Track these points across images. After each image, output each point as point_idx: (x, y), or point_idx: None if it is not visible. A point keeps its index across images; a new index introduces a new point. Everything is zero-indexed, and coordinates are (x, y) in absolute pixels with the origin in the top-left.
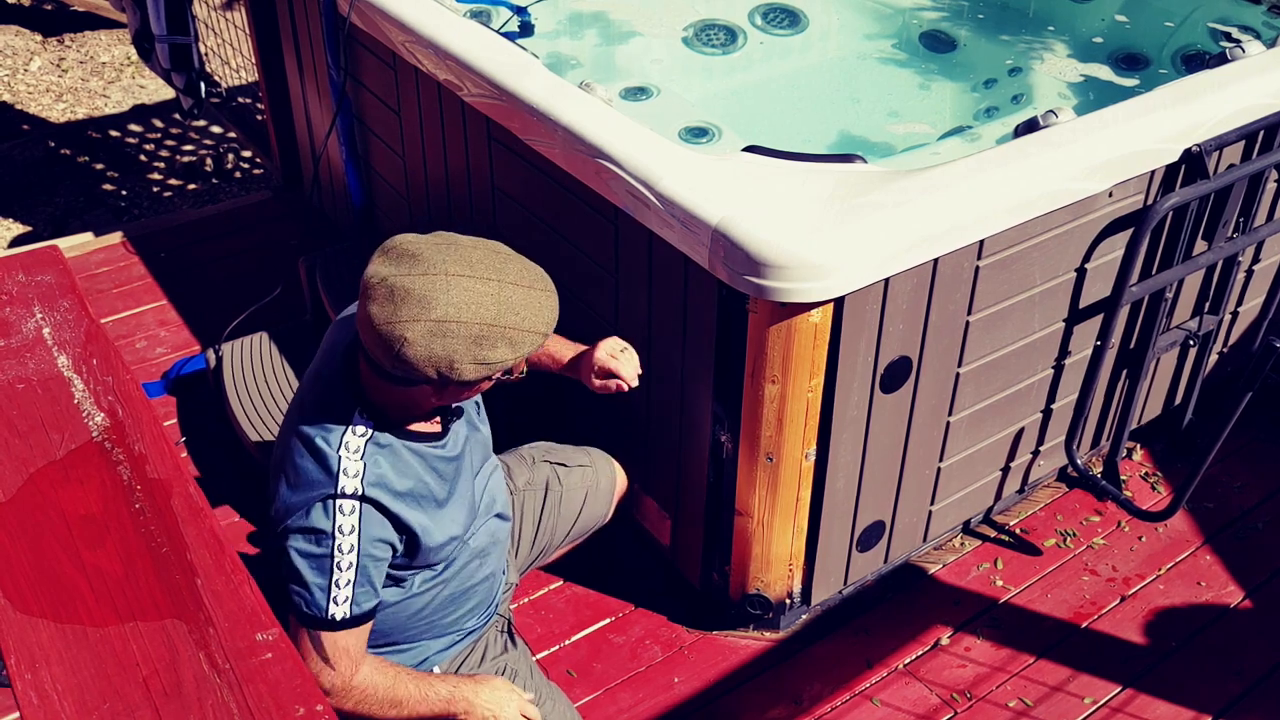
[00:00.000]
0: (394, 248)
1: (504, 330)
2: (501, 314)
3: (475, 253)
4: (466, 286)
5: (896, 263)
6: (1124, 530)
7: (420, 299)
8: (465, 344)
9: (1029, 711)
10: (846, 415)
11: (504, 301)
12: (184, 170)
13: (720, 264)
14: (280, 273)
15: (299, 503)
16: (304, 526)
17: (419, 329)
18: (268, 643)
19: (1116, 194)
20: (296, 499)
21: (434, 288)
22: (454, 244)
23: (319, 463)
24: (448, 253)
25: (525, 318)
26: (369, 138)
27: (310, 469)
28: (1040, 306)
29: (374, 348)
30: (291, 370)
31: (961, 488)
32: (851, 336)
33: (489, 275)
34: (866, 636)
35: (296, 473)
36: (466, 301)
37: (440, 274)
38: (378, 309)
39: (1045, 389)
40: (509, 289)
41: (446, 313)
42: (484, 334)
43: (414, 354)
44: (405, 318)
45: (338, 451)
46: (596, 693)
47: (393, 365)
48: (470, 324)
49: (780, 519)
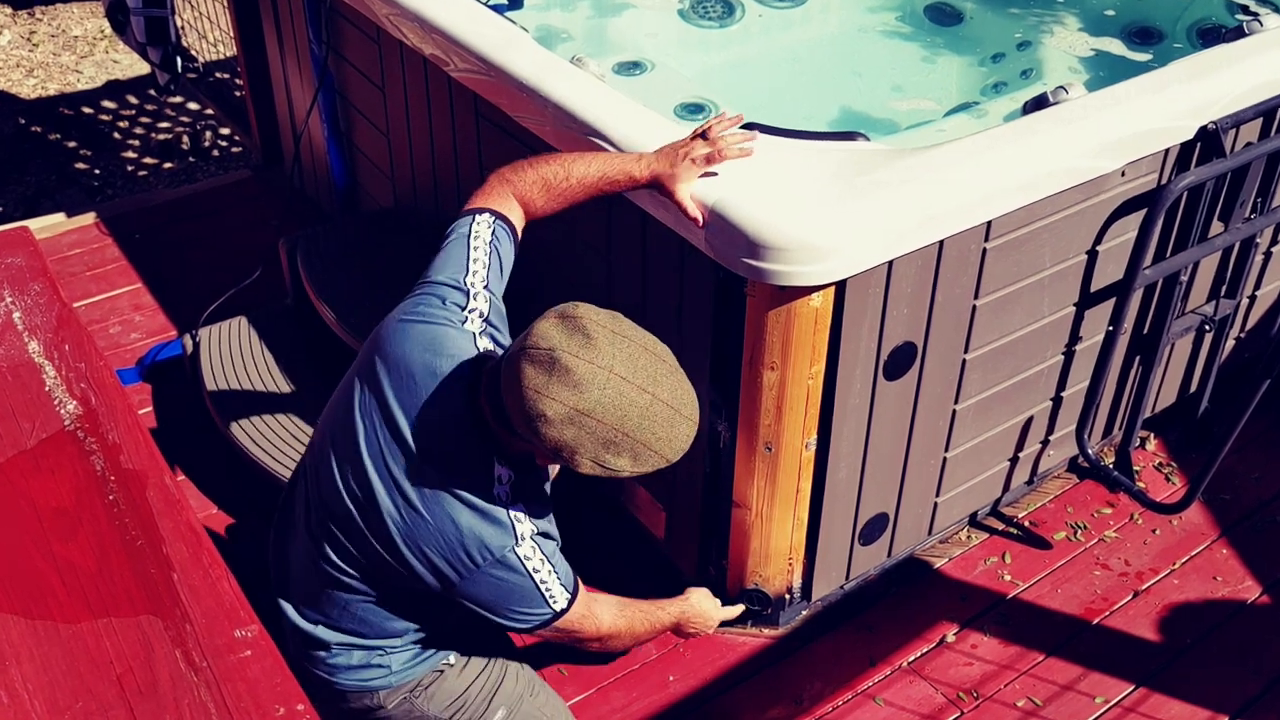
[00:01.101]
0: (573, 317)
1: (635, 444)
2: (640, 428)
3: (642, 357)
4: (621, 390)
5: (900, 244)
6: (1137, 523)
7: (575, 384)
8: (594, 442)
9: (1038, 711)
10: (848, 403)
11: (649, 417)
12: (160, 148)
13: (717, 246)
14: (260, 255)
15: (487, 562)
16: (501, 580)
17: (561, 410)
18: (246, 639)
19: (1129, 173)
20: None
21: (592, 379)
22: (626, 339)
23: (491, 522)
24: (618, 347)
25: (660, 439)
26: (352, 114)
27: (486, 531)
28: (1050, 290)
29: (513, 403)
30: (272, 356)
31: (968, 479)
32: (854, 321)
33: (645, 386)
34: (869, 633)
35: (470, 535)
36: (615, 404)
37: (604, 369)
38: (533, 373)
39: (1055, 376)
40: (658, 406)
41: (592, 408)
42: (616, 440)
43: (545, 430)
44: (553, 394)
45: (501, 507)
46: (588, 691)
47: (522, 426)
48: (608, 427)
49: (779, 511)
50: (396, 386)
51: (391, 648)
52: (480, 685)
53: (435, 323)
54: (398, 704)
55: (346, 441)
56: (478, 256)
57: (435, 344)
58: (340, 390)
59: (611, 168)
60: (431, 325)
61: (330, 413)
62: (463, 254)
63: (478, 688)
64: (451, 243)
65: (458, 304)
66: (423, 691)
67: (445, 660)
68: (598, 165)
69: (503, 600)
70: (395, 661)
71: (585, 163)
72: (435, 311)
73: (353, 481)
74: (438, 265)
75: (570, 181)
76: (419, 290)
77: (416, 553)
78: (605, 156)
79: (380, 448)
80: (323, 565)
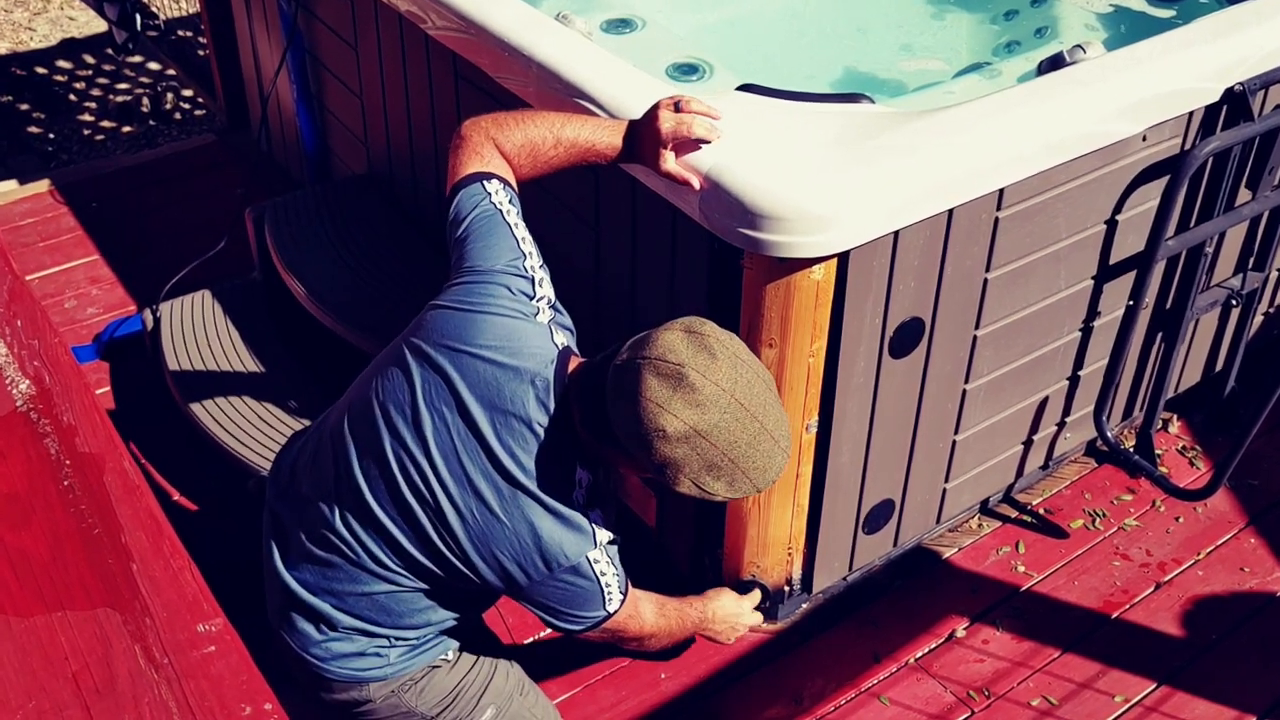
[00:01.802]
0: (700, 334)
1: (736, 470)
2: (744, 456)
3: (756, 384)
4: (738, 416)
5: (907, 214)
6: (1159, 510)
7: (699, 403)
8: (700, 464)
9: (1054, 711)
10: (852, 383)
11: (754, 446)
12: (118, 111)
13: (712, 215)
14: (225, 224)
15: (561, 568)
16: (570, 585)
17: (680, 428)
18: (210, 634)
19: (1151, 138)
20: (558, 564)
21: (715, 402)
22: (744, 363)
23: (573, 529)
24: (739, 370)
25: (757, 469)
26: (323, 76)
27: (566, 538)
28: (1066, 262)
29: (625, 412)
30: (238, 332)
31: (979, 463)
32: (857, 295)
33: (757, 413)
34: (873, 628)
35: (550, 541)
36: (729, 429)
37: (726, 391)
38: (658, 386)
39: (1072, 354)
40: (763, 436)
41: (709, 429)
42: (720, 464)
43: (658, 445)
44: (675, 410)
45: (581, 512)
46: (574, 690)
47: (630, 438)
48: (718, 450)
49: (778, 497)
50: (473, 384)
51: (399, 639)
52: (471, 682)
53: (508, 315)
54: (385, 698)
55: (409, 430)
56: (525, 235)
57: (513, 341)
58: (391, 367)
59: (599, 138)
60: (505, 319)
61: (383, 387)
62: (508, 235)
63: (468, 685)
64: (484, 222)
65: (525, 293)
66: (412, 686)
67: (442, 655)
68: (587, 132)
69: (567, 604)
70: (394, 653)
71: (574, 127)
72: (506, 304)
73: (414, 474)
74: (485, 251)
75: (559, 149)
76: (477, 278)
77: (485, 554)
78: (593, 124)
79: (454, 445)
80: (353, 547)
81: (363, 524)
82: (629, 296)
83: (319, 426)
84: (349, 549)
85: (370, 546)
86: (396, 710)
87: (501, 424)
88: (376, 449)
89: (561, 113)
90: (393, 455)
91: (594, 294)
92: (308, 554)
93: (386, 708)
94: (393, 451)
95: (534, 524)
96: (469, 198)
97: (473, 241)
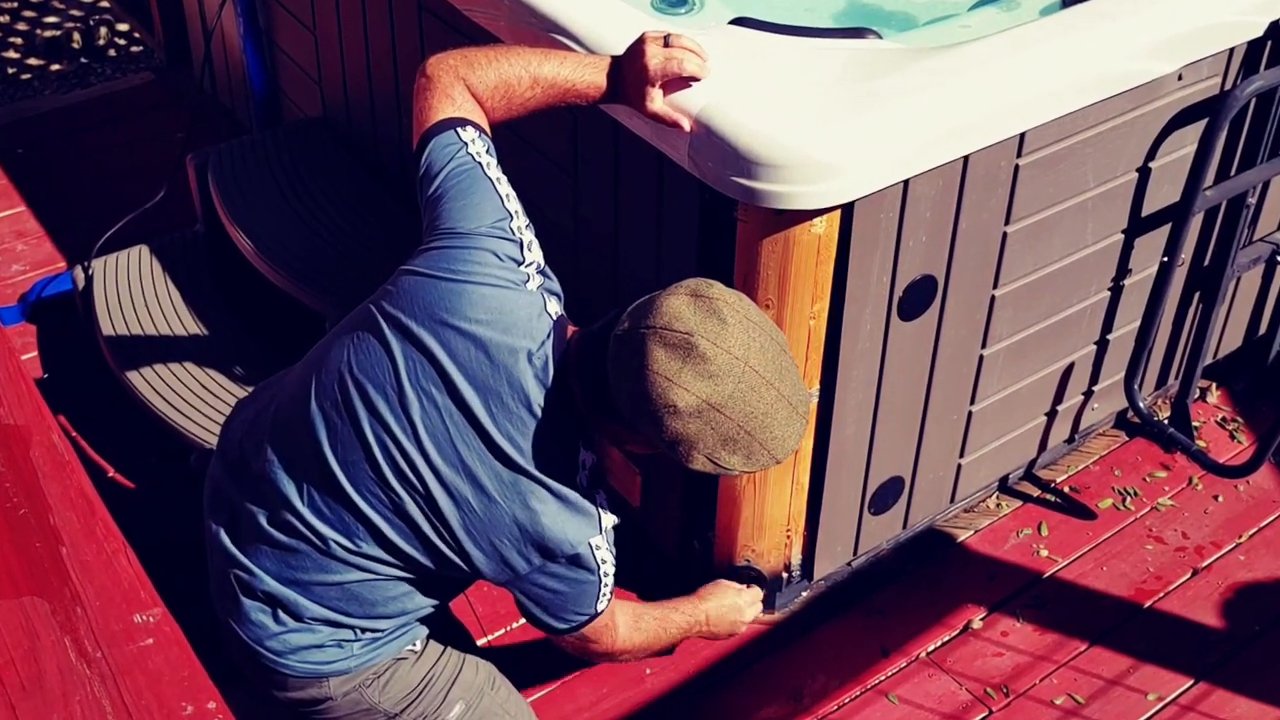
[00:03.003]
0: (707, 297)
1: (753, 442)
2: (762, 426)
3: (770, 348)
4: (753, 385)
5: (918, 161)
6: (1196, 489)
7: (711, 375)
8: (715, 438)
9: (1080, 710)
10: (857, 348)
11: (771, 415)
12: (46, 47)
13: (702, 162)
14: (164, 173)
15: (565, 556)
16: (570, 575)
17: (693, 402)
18: (148, 625)
19: (1187, 77)
20: (561, 551)
21: (729, 371)
22: (756, 326)
23: (579, 513)
24: (751, 335)
25: (775, 439)
26: (273, 8)
27: (571, 524)
28: (1094, 214)
29: (631, 388)
30: (178, 291)
31: (997, 436)
32: (863, 251)
33: (773, 380)
34: (881, 619)
35: (554, 528)
36: (745, 399)
37: (740, 359)
38: (665, 357)
39: (1100, 315)
40: (780, 404)
41: (724, 401)
42: (736, 437)
43: (670, 422)
44: (686, 384)
45: (587, 496)
46: (550, 687)
47: (637, 414)
48: (734, 423)
49: (776, 474)
50: (463, 364)
51: (366, 629)
52: (438, 676)
53: (497, 285)
54: (346, 694)
55: (394, 412)
56: (509, 192)
57: (504, 314)
58: (365, 339)
59: (579, 76)
60: (494, 289)
61: (356, 361)
62: (490, 192)
63: (435, 678)
64: (462, 178)
65: (514, 259)
66: (375, 681)
67: (409, 646)
68: (566, 70)
69: (561, 597)
70: (358, 645)
71: (552, 64)
72: (493, 272)
73: (401, 460)
74: (466, 211)
75: (535, 89)
76: (459, 243)
77: (483, 543)
78: (573, 61)
79: (446, 429)
80: (321, 534)
81: (335, 510)
82: (611, 253)
83: (271, 396)
84: (316, 536)
85: (343, 533)
86: (357, 707)
87: (497, 406)
88: (354, 431)
89: (537, 49)
90: (375, 439)
91: (573, 251)
92: (266, 538)
93: (347, 704)
94: (374, 435)
95: (537, 510)
96: (442, 149)
97: (450, 200)
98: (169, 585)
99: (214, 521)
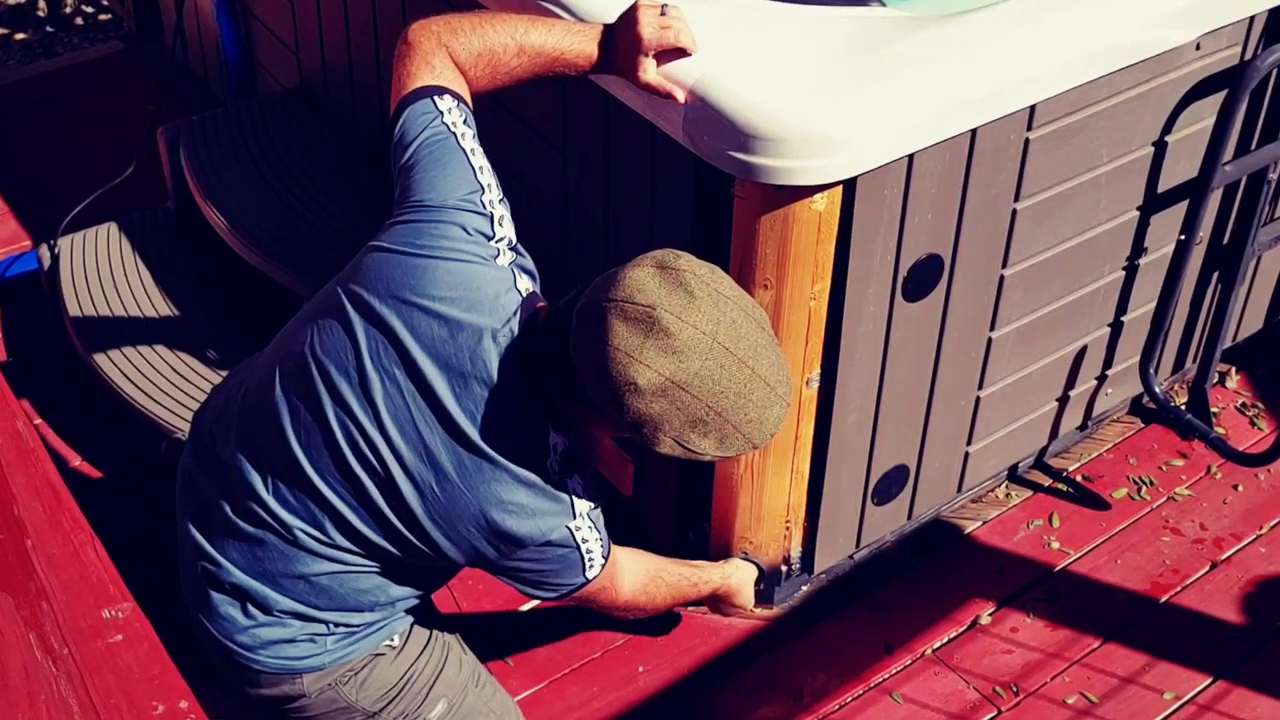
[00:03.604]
0: (673, 269)
1: (725, 424)
2: (735, 407)
3: (745, 323)
4: (722, 362)
5: (924, 134)
6: (1215, 478)
7: (674, 350)
8: (682, 420)
9: (1093, 710)
10: (860, 330)
11: (745, 395)
12: (9, 15)
13: (698, 135)
14: (134, 147)
15: (538, 543)
16: (546, 556)
17: (655, 380)
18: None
19: (1205, 46)
20: (532, 539)
21: (694, 346)
22: (728, 300)
23: (550, 500)
24: (721, 309)
25: (751, 421)
26: None
27: (543, 511)
28: (1108, 191)
29: (592, 365)
30: (148, 271)
31: (1007, 423)
32: (866, 229)
33: (746, 358)
34: (884, 614)
35: (524, 516)
36: (714, 378)
37: (707, 335)
38: (626, 332)
39: (1114, 296)
40: (755, 383)
41: (689, 380)
42: (706, 419)
43: (630, 401)
44: (647, 360)
45: (558, 482)
46: (538, 685)
47: (599, 393)
48: (702, 403)
49: (775, 462)
50: (425, 343)
51: (340, 624)
52: (419, 673)
53: (464, 260)
54: (320, 691)
55: (355, 394)
56: (483, 164)
57: (470, 290)
58: (328, 319)
59: (569, 45)
60: (460, 264)
61: (320, 341)
62: (463, 163)
63: (416, 675)
64: (435, 148)
65: (483, 233)
66: (352, 678)
67: (387, 641)
68: (555, 38)
69: (543, 574)
70: (332, 640)
71: (540, 32)
72: (461, 246)
73: (362, 443)
74: (435, 183)
75: (522, 58)
76: (426, 216)
77: (448, 530)
78: (562, 28)
79: (410, 412)
80: (287, 524)
81: (300, 498)
82: (601, 232)
83: (240, 381)
84: (281, 525)
85: (309, 523)
86: (334, 705)
87: (461, 387)
88: (316, 414)
89: (524, 15)
90: (336, 422)
91: (561, 230)
92: (233, 529)
93: (322, 703)
94: (336, 418)
95: (504, 500)
96: (417, 117)
97: (421, 171)
98: (139, 579)
99: (184, 512)
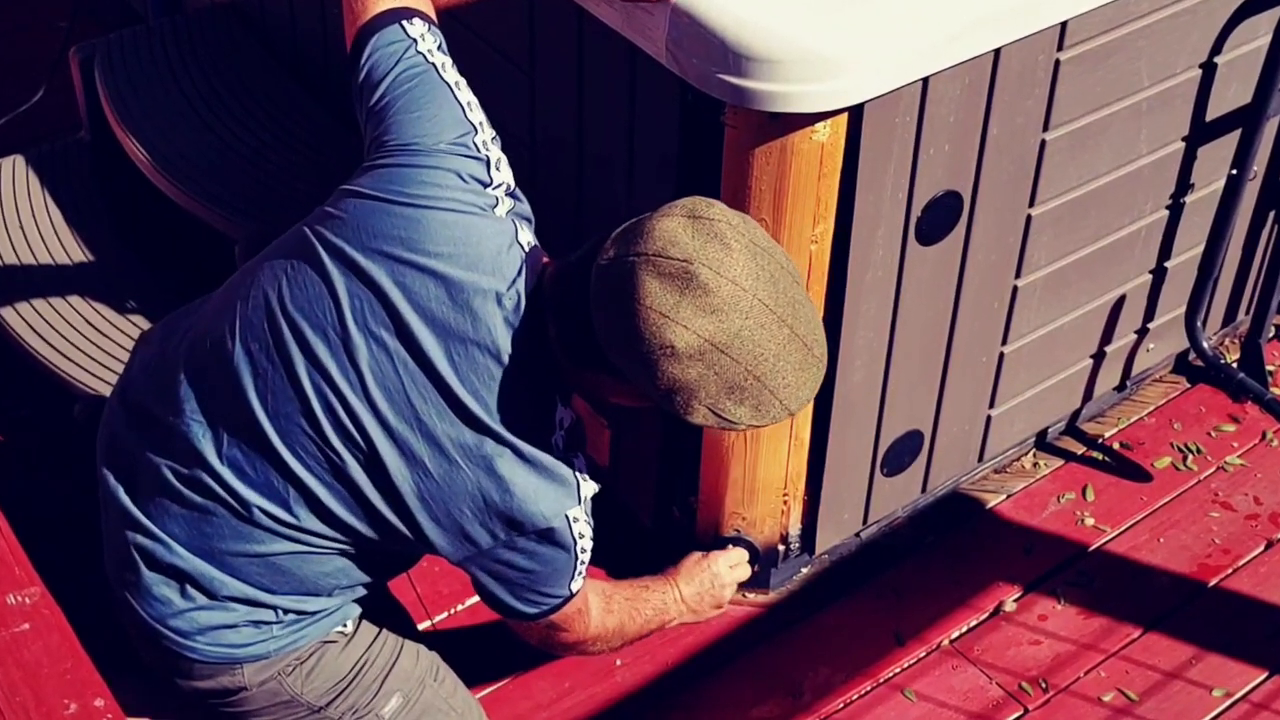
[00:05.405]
0: (706, 218)
1: (762, 390)
2: (773, 371)
3: (781, 278)
4: (763, 321)
5: (940, 55)
6: (1271, 445)
7: (713, 309)
8: (719, 386)
9: (1132, 709)
10: (867, 277)
11: (783, 357)
12: None
13: (683, 56)
14: (43, 69)
15: (535, 529)
16: (540, 551)
17: (694, 342)
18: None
19: None
20: (532, 524)
21: (735, 304)
22: (764, 252)
23: (555, 480)
24: (760, 263)
25: (788, 386)
26: None
27: (546, 492)
28: (1149, 119)
29: (620, 326)
30: (58, 210)
31: (1034, 383)
32: (875, 163)
33: (785, 316)
34: (895, 600)
35: (526, 497)
36: (753, 338)
37: (749, 292)
38: (659, 289)
39: (1156, 240)
40: (794, 344)
41: (729, 341)
42: (743, 384)
43: (665, 367)
44: (685, 320)
45: (564, 460)
46: (502, 681)
47: (627, 358)
48: (741, 367)
49: (770, 428)
50: (419, 304)
51: (290, 609)
52: (371, 663)
53: (460, 211)
54: (263, 683)
55: (336, 358)
56: (470, 100)
57: (469, 245)
58: (301, 270)
59: None
60: (457, 215)
61: (290, 294)
62: (449, 100)
63: (368, 667)
64: (414, 83)
65: (479, 179)
66: (297, 668)
67: (338, 628)
68: None
69: (530, 576)
70: (279, 627)
71: None
72: (456, 195)
73: (343, 414)
74: (421, 123)
75: None
76: (414, 160)
77: (439, 513)
78: None
79: (400, 380)
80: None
81: (261, 470)
82: (575, 167)
83: (178, 332)
84: (235, 499)
85: (270, 498)
86: (276, 699)
87: (461, 354)
88: (288, 379)
89: None
90: (312, 389)
91: (529, 165)
92: (174, 496)
93: (264, 695)
94: (312, 384)
95: (506, 478)
96: (385, 48)
97: (401, 111)
98: (47, 560)
99: (111, 477)
